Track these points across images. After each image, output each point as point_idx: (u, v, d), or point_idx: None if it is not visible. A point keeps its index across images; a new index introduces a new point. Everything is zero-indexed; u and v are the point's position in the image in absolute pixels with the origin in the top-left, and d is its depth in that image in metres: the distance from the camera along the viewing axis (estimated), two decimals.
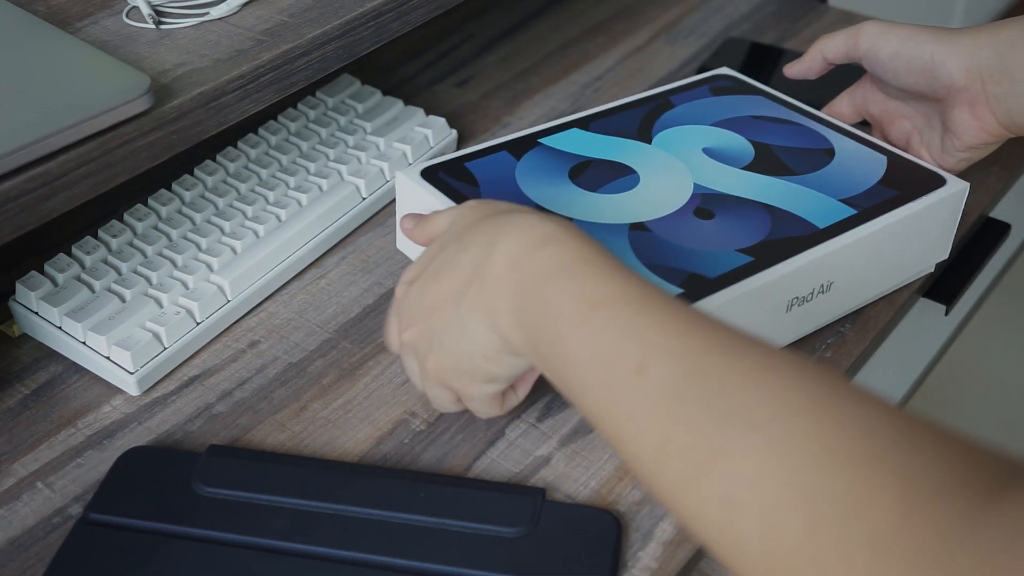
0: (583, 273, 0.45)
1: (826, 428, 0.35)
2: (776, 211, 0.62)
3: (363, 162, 0.74)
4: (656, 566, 0.52)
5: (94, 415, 0.61)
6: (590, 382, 0.43)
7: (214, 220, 0.69)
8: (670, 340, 0.41)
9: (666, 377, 0.40)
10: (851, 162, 0.66)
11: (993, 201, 0.76)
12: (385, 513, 0.52)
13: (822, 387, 0.37)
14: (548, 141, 0.68)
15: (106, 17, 0.62)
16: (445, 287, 0.50)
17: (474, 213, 0.53)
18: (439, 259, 0.51)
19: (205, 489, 0.54)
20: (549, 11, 0.99)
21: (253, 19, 0.62)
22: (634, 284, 0.44)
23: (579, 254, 0.46)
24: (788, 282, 0.58)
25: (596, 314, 0.43)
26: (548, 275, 0.46)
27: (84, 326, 0.62)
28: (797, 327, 0.61)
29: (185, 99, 0.56)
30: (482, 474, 0.56)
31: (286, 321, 0.67)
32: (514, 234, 0.48)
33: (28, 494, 0.56)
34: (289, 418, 0.60)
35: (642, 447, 0.40)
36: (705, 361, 0.40)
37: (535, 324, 0.46)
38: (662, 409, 0.39)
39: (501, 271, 0.47)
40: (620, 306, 0.43)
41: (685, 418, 0.38)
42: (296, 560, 0.51)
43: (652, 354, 0.41)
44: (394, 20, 0.66)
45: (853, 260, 0.61)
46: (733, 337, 0.41)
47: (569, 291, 0.45)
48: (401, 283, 0.54)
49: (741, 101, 0.73)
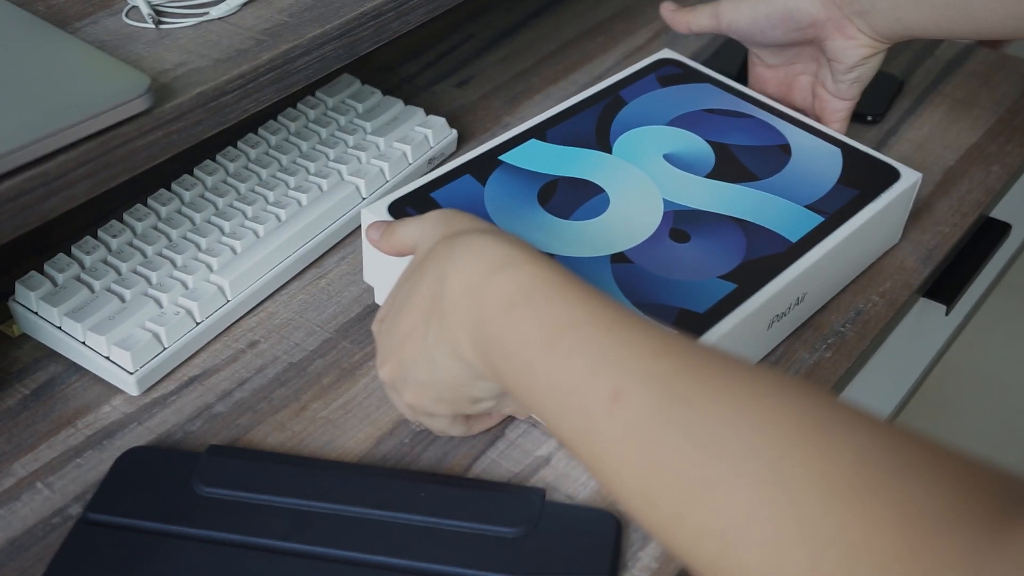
0: (545, 297, 0.43)
1: (819, 456, 0.34)
2: (748, 226, 0.62)
3: (363, 162, 0.74)
4: (656, 566, 0.52)
5: (94, 415, 0.61)
6: (564, 412, 0.41)
7: (214, 220, 0.69)
8: (643, 364, 0.39)
9: (644, 404, 0.38)
10: (808, 160, 0.68)
11: (993, 201, 0.76)
12: (385, 513, 0.52)
13: (809, 409, 0.36)
14: (509, 158, 0.66)
15: (105, 17, 0.62)
16: (409, 321, 0.49)
17: (435, 231, 0.51)
18: (402, 292, 0.50)
19: (205, 489, 0.54)
20: (549, 11, 0.99)
21: (253, 19, 0.62)
22: (599, 305, 0.43)
23: (538, 276, 0.44)
24: (771, 304, 0.59)
25: (563, 341, 0.41)
26: (508, 302, 0.44)
27: (84, 326, 0.62)
28: (772, 340, 0.63)
29: (185, 99, 0.56)
30: (482, 474, 0.56)
31: (286, 321, 0.67)
32: (467, 259, 0.46)
33: (28, 494, 0.56)
34: (289, 418, 0.60)
35: (626, 479, 0.38)
36: (683, 385, 0.38)
37: (500, 352, 0.44)
38: (643, 438, 0.37)
39: (457, 299, 0.46)
40: (587, 330, 0.41)
41: (670, 447, 0.37)
42: (296, 560, 0.51)
43: (626, 380, 0.39)
44: (394, 20, 0.66)
45: (825, 269, 0.62)
46: (708, 358, 0.39)
47: (532, 318, 0.43)
48: (376, 321, 0.54)
49: (690, 92, 0.73)
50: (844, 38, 0.69)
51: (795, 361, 0.62)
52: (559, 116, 0.70)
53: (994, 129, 0.82)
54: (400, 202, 0.62)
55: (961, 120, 0.83)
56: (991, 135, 0.81)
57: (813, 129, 0.70)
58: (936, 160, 0.78)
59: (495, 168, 0.65)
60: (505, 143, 0.67)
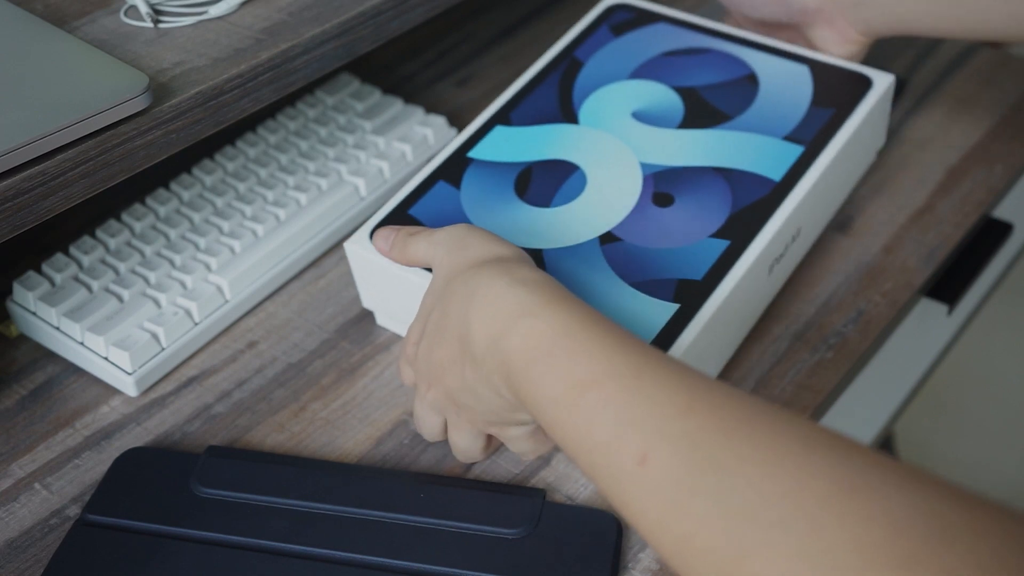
0: (564, 350, 0.42)
1: (854, 524, 0.33)
2: (730, 174, 0.61)
3: (363, 161, 0.74)
4: (656, 567, 0.51)
5: (92, 416, 0.60)
6: (593, 469, 0.41)
7: (213, 219, 0.69)
8: (670, 424, 0.38)
9: (672, 467, 0.37)
10: (777, 87, 0.67)
11: (995, 201, 0.76)
12: (384, 514, 0.52)
13: (842, 471, 0.34)
14: (478, 153, 0.65)
15: (104, 16, 0.62)
16: (443, 355, 0.49)
17: (450, 254, 0.51)
18: (431, 322, 0.50)
19: (203, 490, 0.53)
20: (549, 10, 0.98)
21: (252, 18, 0.62)
22: (620, 356, 0.41)
23: (556, 327, 0.43)
24: (767, 251, 0.58)
25: (585, 398, 0.41)
26: (528, 357, 0.43)
27: (82, 326, 0.61)
28: (775, 284, 0.62)
29: (183, 98, 0.56)
30: (482, 475, 0.56)
31: (285, 321, 0.66)
32: (485, 310, 0.46)
33: (26, 495, 0.56)
34: (288, 419, 0.60)
35: (661, 539, 0.38)
36: (712, 447, 0.37)
37: (529, 404, 0.44)
38: (674, 504, 0.37)
39: (484, 352, 0.46)
40: (610, 387, 0.40)
41: (700, 515, 0.36)
42: (295, 561, 0.50)
43: (652, 442, 0.38)
44: (393, 19, 0.65)
45: (815, 201, 0.62)
46: (736, 411, 0.38)
47: (553, 375, 0.42)
48: (409, 343, 0.53)
49: (645, 36, 0.72)
50: (832, 31, 0.68)
51: (796, 362, 0.62)
52: (519, 95, 0.68)
53: (997, 128, 0.81)
54: (380, 227, 0.60)
55: (963, 119, 0.82)
56: (994, 134, 0.81)
57: (776, 50, 0.69)
58: (938, 159, 0.78)
59: (466, 167, 0.64)
60: (471, 138, 0.66)
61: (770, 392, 0.60)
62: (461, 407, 0.50)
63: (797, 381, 0.61)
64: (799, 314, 0.65)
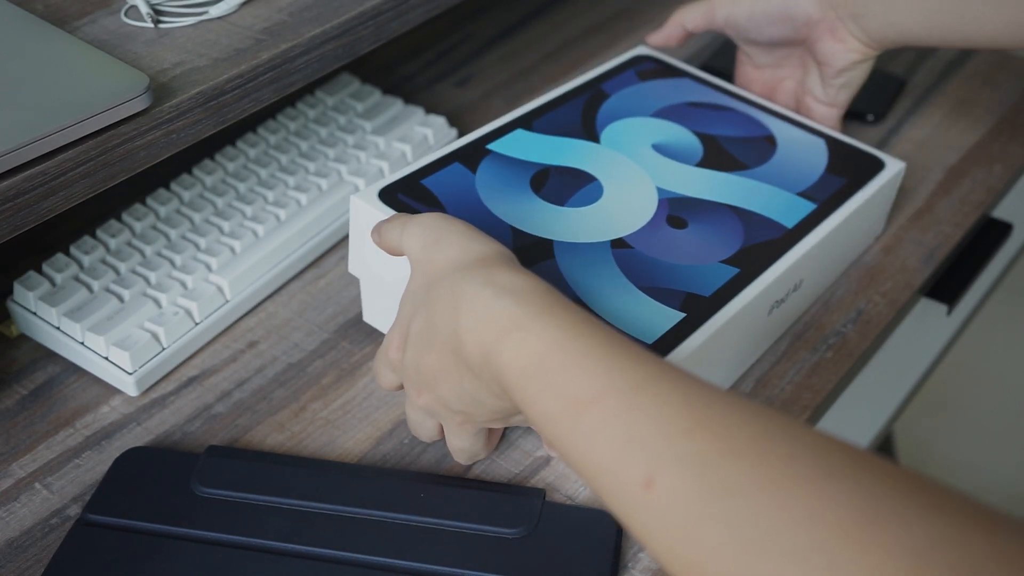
0: (559, 366, 0.40)
1: (872, 555, 0.31)
2: (744, 213, 0.62)
3: (363, 161, 0.74)
4: (656, 567, 0.51)
5: (92, 416, 0.60)
6: (598, 488, 0.39)
7: (213, 220, 0.69)
8: (675, 445, 0.36)
9: (680, 492, 0.35)
10: (794, 150, 0.68)
11: (995, 201, 0.76)
12: (385, 514, 0.52)
13: (857, 497, 0.33)
14: (497, 147, 0.65)
15: (104, 16, 0.62)
16: (434, 363, 0.47)
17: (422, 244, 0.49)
18: (415, 328, 0.48)
19: (204, 490, 0.53)
20: (549, 10, 0.99)
21: (252, 18, 0.62)
22: (618, 370, 0.39)
23: (548, 341, 0.41)
24: (772, 288, 0.59)
25: (585, 418, 0.38)
26: (523, 374, 0.41)
27: (82, 326, 0.61)
28: (772, 331, 0.63)
29: (184, 98, 0.56)
30: (482, 475, 0.56)
31: (285, 321, 0.67)
32: (473, 325, 0.44)
33: (26, 495, 0.56)
34: (288, 418, 0.60)
35: (670, 564, 0.36)
36: (721, 471, 0.35)
37: (530, 418, 0.42)
38: (683, 530, 0.35)
39: (479, 363, 0.44)
40: (609, 404, 0.38)
41: (711, 544, 0.34)
42: (295, 561, 0.50)
43: (658, 465, 0.36)
44: (393, 19, 0.65)
45: (821, 255, 0.62)
46: (747, 430, 0.36)
47: (549, 392, 0.40)
48: (392, 348, 0.51)
49: (670, 86, 0.73)
50: (835, 41, 0.69)
51: (796, 361, 0.62)
52: (544, 107, 0.69)
53: (996, 129, 0.81)
54: (391, 188, 0.60)
55: (963, 120, 0.83)
56: (993, 135, 0.81)
57: (795, 121, 0.71)
58: (938, 160, 0.78)
59: (484, 157, 0.64)
60: (491, 132, 0.66)
61: (770, 392, 0.60)
62: (457, 412, 0.49)
63: (797, 381, 0.61)
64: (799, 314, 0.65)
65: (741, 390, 0.60)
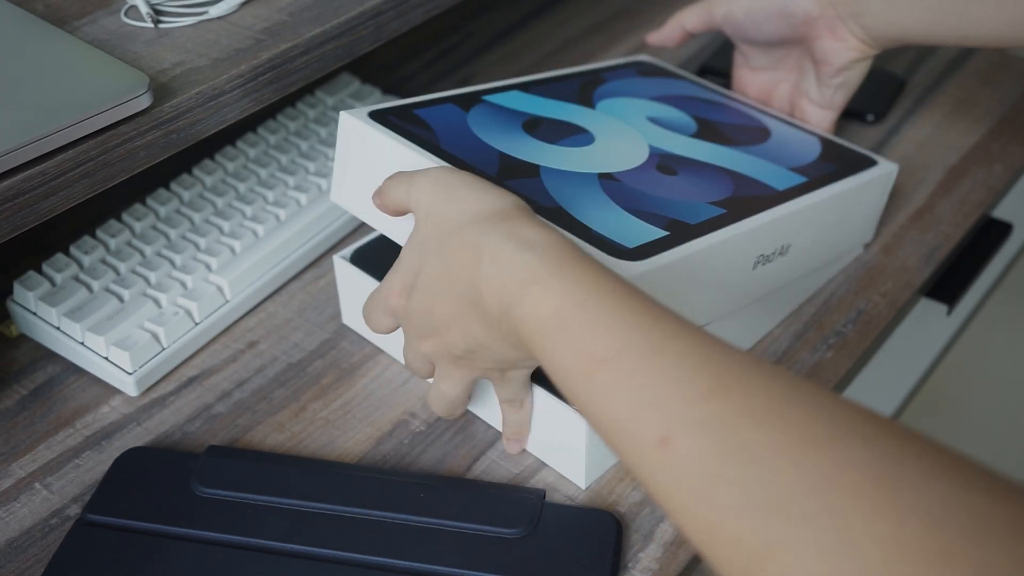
0: (576, 322, 0.40)
1: (885, 519, 0.31)
2: (735, 175, 0.62)
3: None
4: (656, 567, 0.51)
5: (92, 416, 0.60)
6: (614, 445, 0.39)
7: (213, 220, 0.69)
8: (692, 408, 0.36)
9: (695, 453, 0.35)
10: (787, 140, 0.69)
11: (995, 201, 0.76)
12: (384, 514, 0.52)
13: (874, 462, 0.33)
14: (492, 99, 0.65)
15: (104, 16, 0.62)
16: (445, 311, 0.47)
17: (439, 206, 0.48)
18: (425, 276, 0.48)
19: (204, 490, 0.53)
20: (549, 10, 0.98)
21: (252, 18, 0.62)
22: (636, 328, 0.39)
23: (566, 296, 0.41)
24: (757, 237, 0.58)
25: (602, 374, 0.39)
26: (541, 327, 0.41)
27: (82, 326, 0.61)
28: (757, 289, 0.62)
29: (184, 98, 0.56)
30: (482, 475, 0.56)
31: (285, 321, 0.67)
32: (493, 277, 0.44)
33: (26, 495, 0.56)
34: (288, 419, 0.60)
35: (684, 523, 0.36)
36: (736, 434, 0.35)
37: (548, 371, 0.42)
38: (698, 491, 0.35)
39: (498, 315, 0.44)
40: (627, 363, 0.38)
41: (726, 505, 0.34)
42: (295, 561, 0.50)
43: (674, 424, 0.36)
44: (393, 19, 0.65)
45: (808, 224, 0.62)
46: (765, 393, 0.36)
47: (566, 348, 0.40)
48: (393, 294, 0.50)
49: (670, 82, 0.74)
50: (834, 39, 0.69)
51: (796, 361, 0.62)
52: (543, 80, 0.70)
53: (996, 128, 0.81)
54: (382, 111, 0.59)
55: (963, 119, 0.83)
56: (993, 134, 0.81)
57: (789, 122, 0.72)
58: (938, 160, 0.78)
59: (478, 102, 0.64)
60: (488, 89, 0.66)
61: None
62: (460, 358, 0.49)
63: None
64: (799, 314, 0.65)
65: None
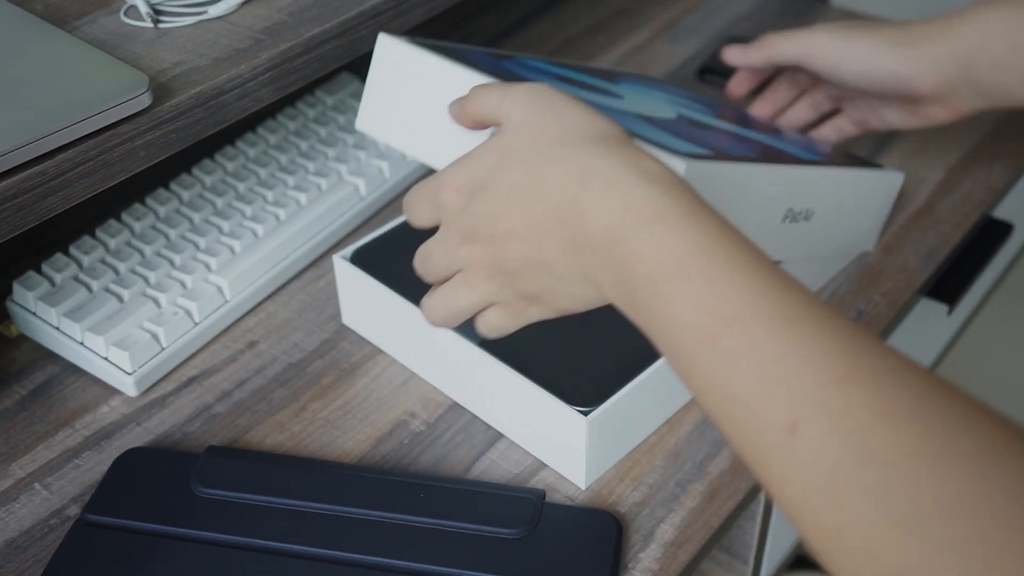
0: (700, 274, 0.37)
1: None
2: (761, 144, 0.62)
3: (363, 161, 0.74)
4: (657, 567, 0.51)
5: (92, 416, 0.60)
6: (726, 419, 0.36)
7: (213, 219, 0.69)
8: (824, 393, 0.33)
9: (826, 448, 0.32)
10: (801, 138, 0.70)
11: (995, 200, 0.76)
12: (384, 514, 0.52)
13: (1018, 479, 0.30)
14: (522, 59, 0.61)
15: (104, 16, 0.62)
16: (520, 221, 0.42)
17: (538, 117, 0.43)
18: (506, 177, 0.43)
19: (203, 490, 0.53)
20: (549, 11, 0.98)
21: (252, 18, 0.62)
22: (768, 292, 0.36)
23: (692, 243, 0.37)
24: (791, 185, 0.57)
25: (728, 338, 0.35)
26: (659, 272, 0.38)
27: (82, 326, 0.61)
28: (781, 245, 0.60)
29: (183, 98, 0.56)
30: (481, 475, 0.56)
31: (285, 321, 0.66)
32: (606, 203, 0.40)
33: (25, 495, 0.56)
34: (288, 419, 0.60)
35: (801, 520, 0.34)
36: (874, 433, 0.32)
37: (650, 323, 0.39)
38: (825, 491, 0.32)
39: (599, 242, 0.40)
40: (756, 330, 0.35)
41: (857, 514, 0.31)
42: (294, 561, 0.50)
43: (804, 411, 0.33)
44: (393, 19, 0.65)
45: (832, 194, 0.62)
46: (902, 390, 0.33)
47: (686, 299, 0.37)
48: (449, 188, 0.45)
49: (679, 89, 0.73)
50: (944, 109, 0.67)
51: None
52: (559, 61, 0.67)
53: (997, 128, 0.81)
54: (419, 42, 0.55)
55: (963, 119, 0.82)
56: (994, 134, 0.81)
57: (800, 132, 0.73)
58: (938, 159, 0.78)
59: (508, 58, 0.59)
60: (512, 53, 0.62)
61: None
62: (502, 273, 0.45)
63: None
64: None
65: None
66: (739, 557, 0.67)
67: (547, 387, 0.54)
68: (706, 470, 0.56)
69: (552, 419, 0.54)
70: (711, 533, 0.53)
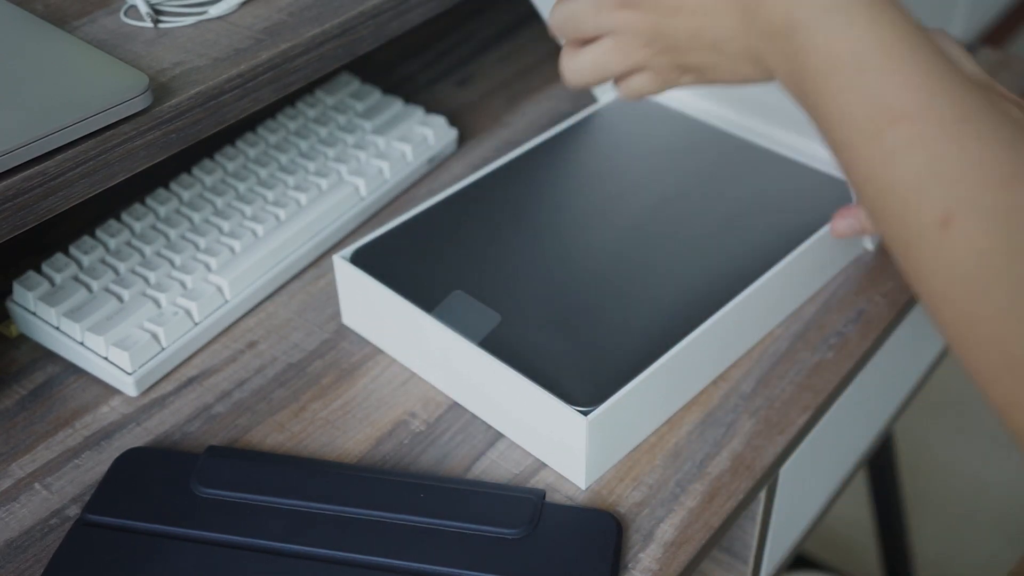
0: (877, 69, 0.36)
1: None
2: None
3: (363, 161, 0.74)
4: (656, 567, 0.51)
5: (92, 416, 0.60)
6: (880, 211, 0.36)
7: (213, 219, 0.69)
8: (985, 194, 0.33)
9: (977, 244, 0.33)
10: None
11: None
12: (384, 514, 0.52)
13: None
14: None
15: (104, 16, 0.62)
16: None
17: None
18: None
19: (203, 490, 0.53)
20: None
21: (252, 18, 0.62)
22: (942, 93, 0.35)
23: (874, 37, 0.37)
24: None
25: (894, 133, 0.35)
26: (832, 65, 0.37)
27: (82, 326, 0.61)
28: None
29: (183, 98, 0.56)
30: (482, 475, 0.56)
31: (285, 321, 0.66)
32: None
33: (25, 495, 0.56)
34: (288, 419, 0.60)
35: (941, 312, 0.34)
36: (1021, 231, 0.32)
37: (818, 115, 0.39)
38: (971, 284, 0.33)
39: (777, 29, 0.39)
40: (925, 126, 0.35)
41: (1000, 307, 0.32)
42: (294, 561, 0.50)
43: (961, 208, 0.33)
44: (393, 19, 0.65)
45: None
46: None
47: (858, 93, 0.36)
48: None
49: None
50: None
51: (797, 361, 0.62)
52: None
53: None
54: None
55: None
56: None
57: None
58: None
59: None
60: None
61: (770, 392, 0.60)
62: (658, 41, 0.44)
63: (797, 381, 0.61)
64: (799, 314, 0.65)
65: (741, 391, 0.60)
66: (739, 557, 0.67)
67: (547, 387, 0.54)
68: (706, 470, 0.56)
69: (552, 419, 0.54)
70: (711, 533, 0.53)
